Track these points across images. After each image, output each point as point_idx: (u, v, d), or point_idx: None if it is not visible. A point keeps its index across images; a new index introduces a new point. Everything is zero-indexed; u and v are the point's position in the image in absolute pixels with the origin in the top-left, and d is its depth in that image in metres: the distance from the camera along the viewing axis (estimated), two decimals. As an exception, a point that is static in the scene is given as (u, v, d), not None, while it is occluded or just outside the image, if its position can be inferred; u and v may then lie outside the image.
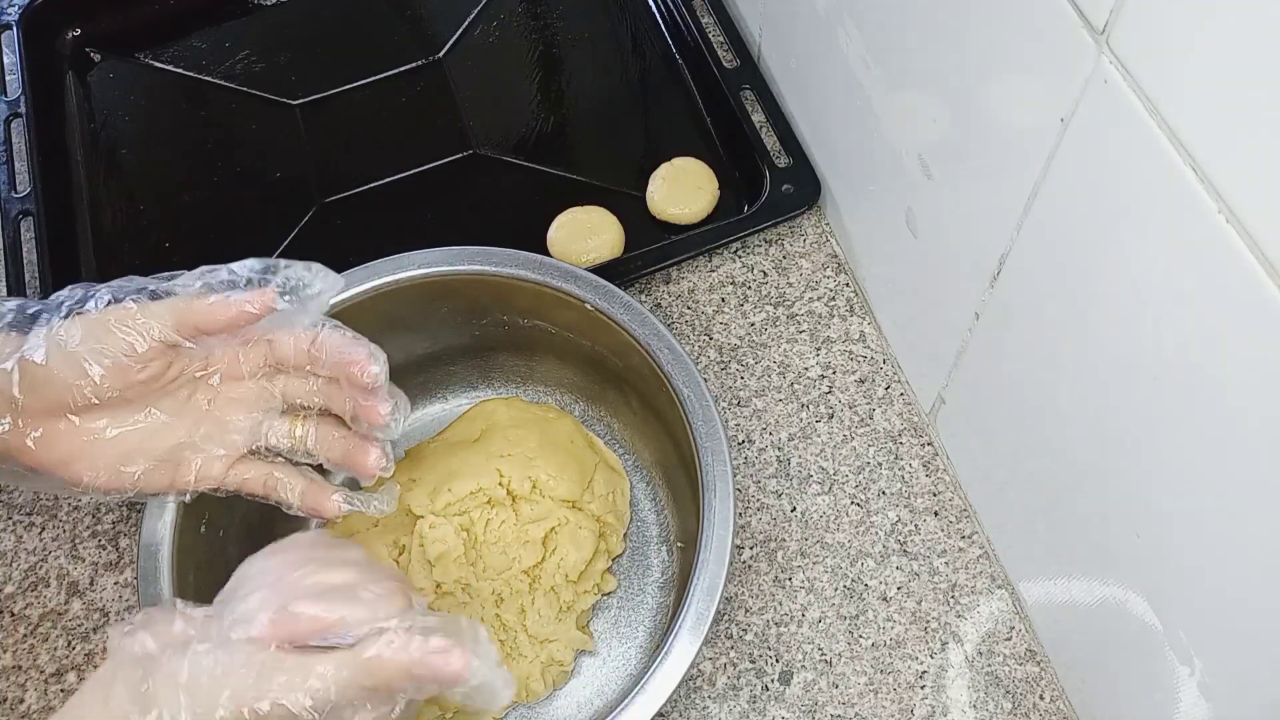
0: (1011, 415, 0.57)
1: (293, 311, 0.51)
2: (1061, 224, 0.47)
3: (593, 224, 0.75)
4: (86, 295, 0.49)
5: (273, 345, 0.52)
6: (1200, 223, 0.37)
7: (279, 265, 0.50)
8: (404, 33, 0.88)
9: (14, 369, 0.47)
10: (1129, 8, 0.38)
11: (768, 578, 0.64)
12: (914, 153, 0.59)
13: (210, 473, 0.53)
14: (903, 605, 0.63)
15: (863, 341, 0.72)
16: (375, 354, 0.51)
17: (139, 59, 0.87)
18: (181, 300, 0.49)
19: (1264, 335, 0.36)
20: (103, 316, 0.48)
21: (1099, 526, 0.51)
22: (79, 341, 0.47)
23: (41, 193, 0.76)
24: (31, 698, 0.62)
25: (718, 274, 0.74)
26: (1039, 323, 0.51)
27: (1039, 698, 0.61)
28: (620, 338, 0.60)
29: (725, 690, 0.61)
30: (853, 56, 0.63)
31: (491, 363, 0.69)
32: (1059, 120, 0.44)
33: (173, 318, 0.48)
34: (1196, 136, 0.36)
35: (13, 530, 0.67)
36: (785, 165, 0.76)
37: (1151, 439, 0.45)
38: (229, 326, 0.50)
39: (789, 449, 0.68)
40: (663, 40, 0.86)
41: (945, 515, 0.66)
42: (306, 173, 0.80)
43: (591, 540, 0.61)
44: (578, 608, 0.61)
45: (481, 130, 0.82)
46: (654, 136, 0.82)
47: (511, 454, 0.63)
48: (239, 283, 0.50)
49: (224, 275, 0.50)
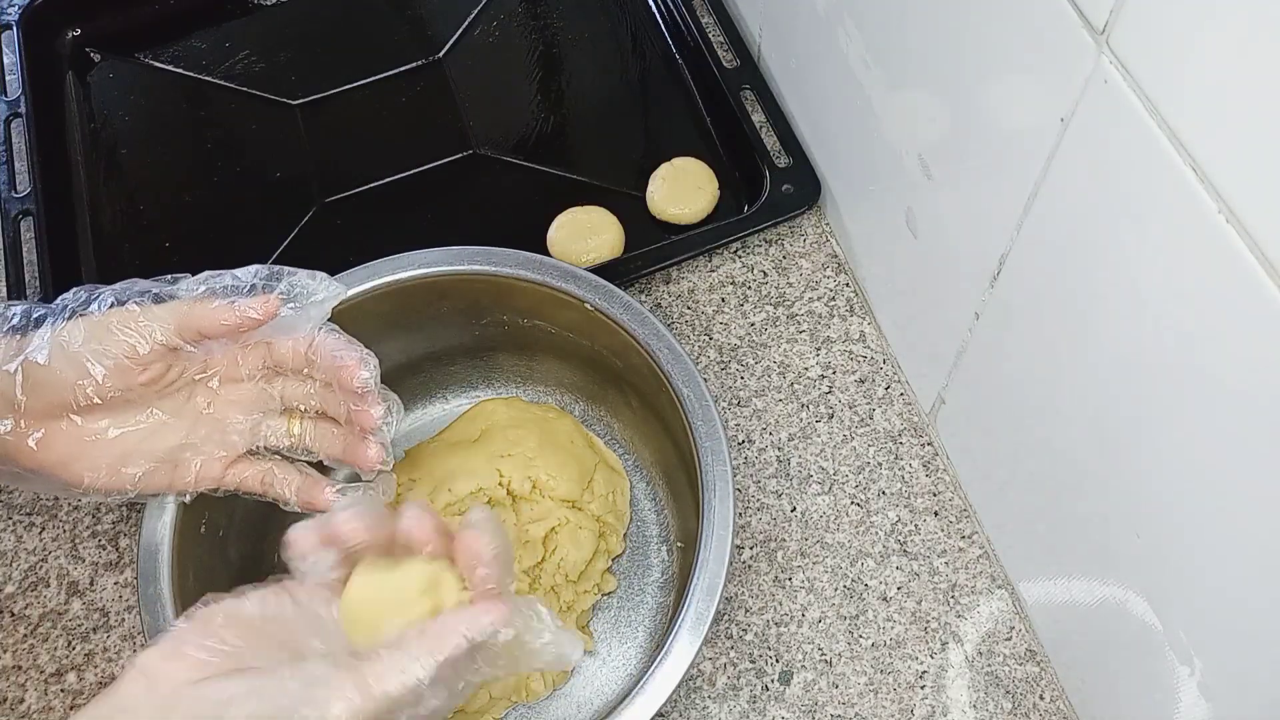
0: (1011, 415, 0.57)
1: (294, 318, 0.51)
2: (1061, 224, 0.47)
3: (593, 224, 0.75)
4: (90, 297, 0.49)
5: (271, 348, 0.52)
6: (1200, 223, 0.37)
7: (283, 272, 0.51)
8: (404, 33, 0.88)
9: (17, 371, 0.47)
10: (1129, 8, 0.38)
11: (768, 578, 0.64)
12: (914, 153, 0.59)
13: (209, 473, 0.53)
14: (903, 605, 0.63)
15: (863, 341, 0.72)
16: (365, 359, 0.51)
17: (139, 59, 0.87)
18: (184, 304, 0.49)
19: (1264, 335, 0.36)
20: (105, 318, 0.48)
21: (1099, 526, 0.51)
22: (81, 342, 0.47)
23: (41, 193, 0.76)
24: (31, 698, 0.62)
25: (718, 274, 0.74)
26: (1039, 323, 0.51)
27: (1039, 698, 0.61)
28: (620, 338, 0.60)
29: (725, 690, 0.61)
30: (853, 56, 0.63)
31: (491, 363, 0.69)
32: (1059, 120, 0.44)
33: (175, 321, 0.49)
34: (1196, 136, 0.36)
35: (13, 530, 0.67)
36: (785, 165, 0.75)
37: (1152, 439, 0.45)
38: (231, 331, 0.50)
39: (789, 449, 0.68)
40: (663, 40, 0.86)
41: (945, 515, 0.66)
42: (306, 173, 0.80)
43: (591, 540, 0.61)
44: (578, 608, 0.61)
45: (481, 130, 0.82)
46: (654, 136, 0.82)
47: (511, 454, 0.63)
48: (242, 288, 0.50)
49: (228, 281, 0.50)
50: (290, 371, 0.53)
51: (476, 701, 0.59)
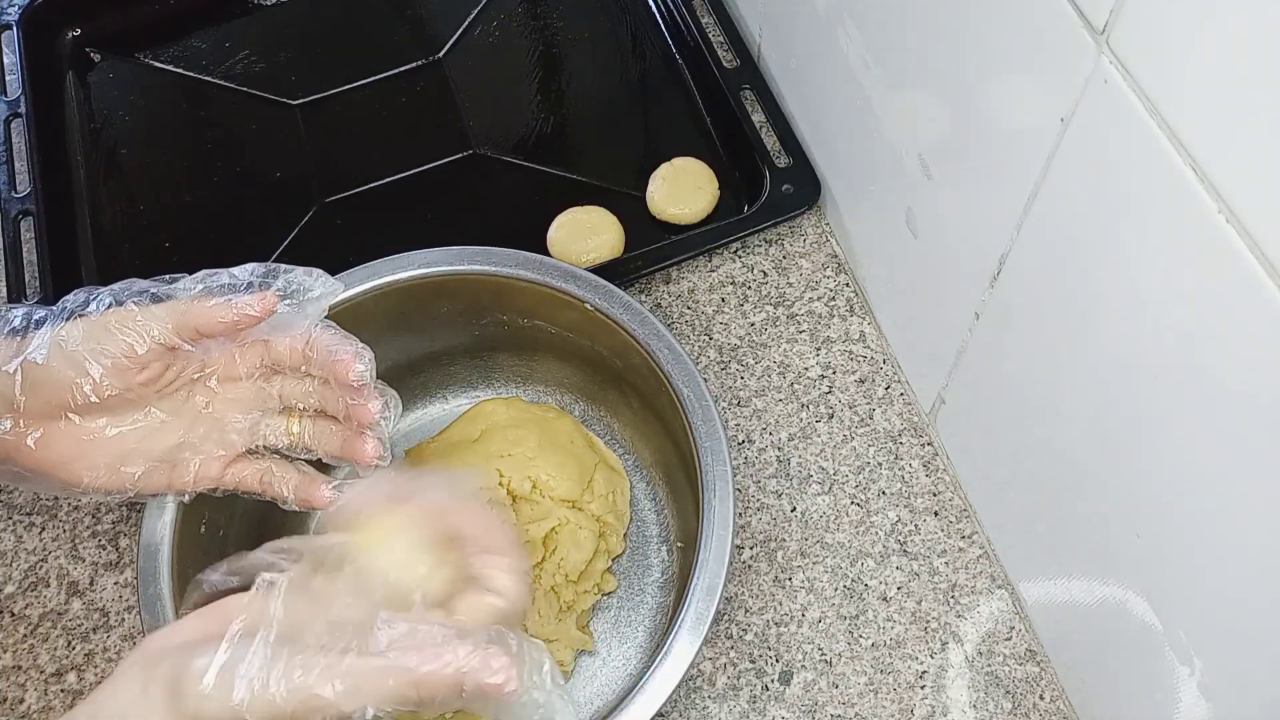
0: (1011, 415, 0.57)
1: (291, 315, 0.51)
2: (1061, 224, 0.47)
3: (593, 224, 0.75)
4: (89, 298, 0.49)
5: (269, 347, 0.52)
6: (1200, 223, 0.37)
7: (279, 270, 0.51)
8: (404, 33, 0.88)
9: (16, 371, 0.47)
10: (1129, 8, 0.38)
11: (768, 578, 0.64)
12: (914, 153, 0.59)
13: (208, 473, 0.53)
14: (903, 605, 0.63)
15: (863, 341, 0.72)
16: (360, 353, 0.51)
17: (139, 59, 0.87)
18: (182, 303, 0.49)
19: (1264, 335, 0.36)
20: (104, 318, 0.48)
21: (1099, 526, 0.51)
22: (80, 342, 0.47)
23: (41, 193, 0.76)
24: (31, 698, 0.62)
25: (718, 274, 0.74)
26: (1039, 323, 0.51)
27: (1039, 698, 0.61)
28: (620, 338, 0.60)
29: (725, 690, 0.61)
30: (853, 56, 0.63)
31: (491, 363, 0.69)
32: (1059, 120, 0.44)
33: (173, 320, 0.49)
34: (1196, 136, 0.36)
35: (13, 530, 0.67)
36: (785, 165, 0.75)
37: (1152, 439, 0.45)
38: (229, 329, 0.50)
39: (789, 449, 0.68)
40: (663, 40, 0.86)
41: (945, 515, 0.66)
42: (306, 173, 0.80)
43: (591, 540, 0.61)
44: (578, 608, 0.61)
45: (481, 130, 0.82)
46: (654, 136, 0.82)
47: (511, 454, 0.63)
48: (239, 287, 0.50)
49: (224, 279, 0.50)
50: (288, 369, 0.53)
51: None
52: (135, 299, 0.49)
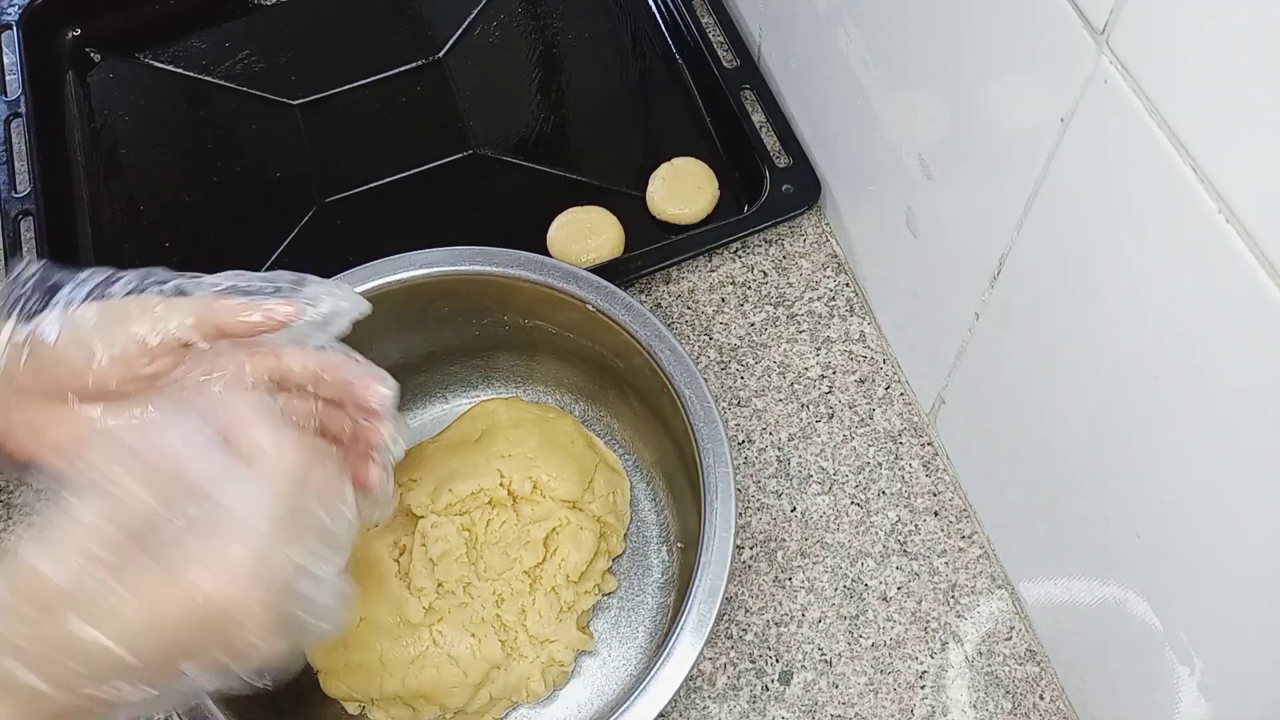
0: (1011, 415, 0.57)
1: (310, 327, 0.50)
2: (1061, 224, 0.47)
3: (593, 224, 0.75)
4: (111, 278, 0.48)
5: (280, 360, 0.52)
6: (1200, 223, 0.37)
7: (307, 279, 0.50)
8: (404, 33, 0.88)
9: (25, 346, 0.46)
10: (1129, 8, 0.38)
11: (768, 578, 0.64)
12: (914, 153, 0.59)
13: None
14: (903, 605, 0.63)
15: (863, 341, 0.72)
16: (386, 379, 0.51)
17: (139, 59, 0.87)
18: (206, 298, 0.48)
19: (1264, 335, 0.36)
20: (124, 304, 0.47)
21: (1099, 526, 0.51)
22: (93, 326, 0.47)
23: (41, 193, 0.76)
24: (32, 698, 0.62)
25: (718, 274, 0.74)
26: (1039, 323, 0.51)
27: (1039, 698, 0.61)
28: (621, 338, 0.60)
29: (725, 690, 0.61)
30: (853, 56, 0.63)
31: (491, 363, 0.69)
32: (1059, 120, 0.44)
33: (195, 315, 0.48)
34: (1196, 136, 0.36)
35: (13, 530, 0.67)
36: (785, 165, 0.76)
37: (1151, 439, 0.45)
38: (251, 331, 0.49)
39: (789, 449, 0.68)
40: (663, 40, 0.86)
41: (945, 515, 0.66)
42: (306, 173, 0.80)
43: (592, 540, 0.61)
44: (578, 608, 0.61)
45: (481, 130, 0.82)
46: (654, 136, 0.82)
47: (512, 454, 0.63)
48: (266, 291, 0.49)
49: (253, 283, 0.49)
50: (295, 387, 0.53)
51: (476, 702, 0.59)
52: (159, 288, 0.49)
